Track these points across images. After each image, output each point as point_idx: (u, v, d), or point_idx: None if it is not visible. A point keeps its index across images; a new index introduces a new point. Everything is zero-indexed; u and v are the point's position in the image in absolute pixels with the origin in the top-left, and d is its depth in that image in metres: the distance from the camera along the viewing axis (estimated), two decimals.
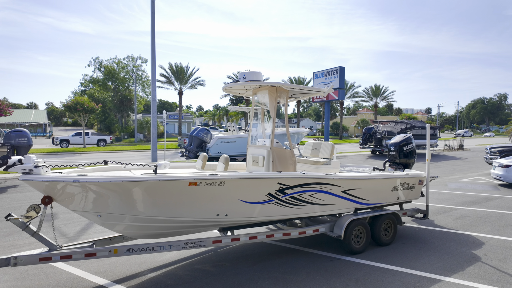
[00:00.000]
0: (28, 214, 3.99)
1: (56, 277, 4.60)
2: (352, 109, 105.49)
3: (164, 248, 4.44)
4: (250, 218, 4.78)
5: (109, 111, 51.23)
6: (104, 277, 4.60)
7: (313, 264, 5.04)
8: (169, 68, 37.59)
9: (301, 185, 4.95)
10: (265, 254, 5.51)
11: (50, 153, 23.83)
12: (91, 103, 26.28)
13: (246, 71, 5.43)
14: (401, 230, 6.76)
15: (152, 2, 15.37)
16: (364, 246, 5.55)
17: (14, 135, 11.12)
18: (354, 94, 50.37)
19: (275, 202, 4.83)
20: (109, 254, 4.22)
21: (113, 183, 3.87)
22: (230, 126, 17.79)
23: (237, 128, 18.46)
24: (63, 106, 26.05)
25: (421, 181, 6.54)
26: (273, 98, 5.47)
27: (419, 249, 5.69)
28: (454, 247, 5.82)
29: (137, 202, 4.12)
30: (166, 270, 4.86)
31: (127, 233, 4.62)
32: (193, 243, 4.56)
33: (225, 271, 4.80)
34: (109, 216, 4.28)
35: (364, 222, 5.57)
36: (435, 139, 24.87)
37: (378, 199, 5.93)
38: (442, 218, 7.72)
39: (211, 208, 4.45)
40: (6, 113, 23.00)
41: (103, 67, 44.85)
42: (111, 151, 25.96)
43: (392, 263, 5.09)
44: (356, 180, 5.46)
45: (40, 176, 3.85)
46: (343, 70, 19.20)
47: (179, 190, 4.16)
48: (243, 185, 4.49)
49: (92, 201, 4.10)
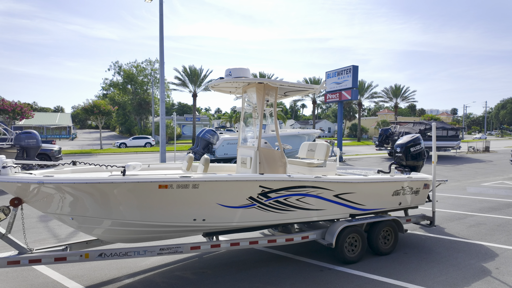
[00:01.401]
0: None
1: (32, 280, 4.49)
2: (372, 110, 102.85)
3: (138, 254, 4.22)
4: (231, 224, 4.48)
5: (128, 113, 52.53)
6: (80, 282, 4.44)
7: (300, 274, 4.67)
8: (183, 70, 38.01)
9: (286, 189, 4.61)
10: (252, 261, 5.19)
11: (68, 154, 24.54)
12: (107, 106, 26.91)
13: (232, 68, 5.15)
14: (405, 239, 6.25)
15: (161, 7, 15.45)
16: (359, 255, 5.12)
17: (24, 137, 11.38)
18: (372, 95, 48.94)
19: (258, 207, 4.51)
20: (80, 258, 4.04)
21: (74, 185, 3.69)
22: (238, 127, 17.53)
23: None
24: (81, 109, 26.80)
25: (426, 185, 6.01)
26: (261, 96, 5.16)
27: (422, 260, 5.19)
28: (462, 258, 5.27)
29: (105, 204, 3.92)
30: (144, 276, 4.65)
31: (102, 237, 4.44)
32: (170, 249, 4.32)
33: (205, 279, 4.53)
34: (81, 219, 4.11)
35: (359, 229, 5.14)
36: (457, 141, 23.58)
37: (377, 204, 5.48)
38: (454, 226, 7.11)
39: (186, 212, 4.19)
40: (28, 116, 23.89)
41: (122, 71, 45.99)
42: (127, 153, 26.42)
43: (388, 275, 4.63)
44: (349, 183, 5.05)
45: (6, 177, 3.73)
46: (356, 69, 18.53)
47: (150, 192, 3.93)
48: (220, 188, 4.20)
49: (60, 203, 3.94)
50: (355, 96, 19.04)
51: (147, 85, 47.27)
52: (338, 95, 19.54)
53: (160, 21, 15.41)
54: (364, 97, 49.41)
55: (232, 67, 5.23)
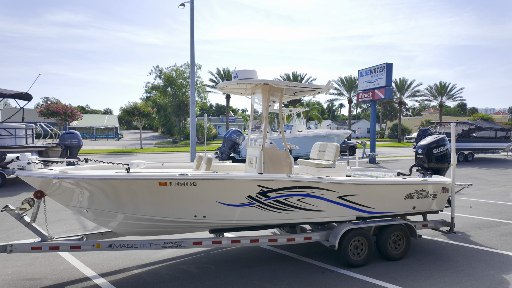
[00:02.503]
0: (22, 207, 4.38)
1: (56, 266, 4.98)
2: (417, 110, 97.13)
3: (144, 246, 4.50)
4: (231, 221, 4.62)
5: (169, 115, 55.00)
6: (95, 269, 4.84)
7: (301, 275, 4.66)
8: (216, 73, 39.01)
9: (286, 189, 4.63)
10: (256, 259, 5.28)
11: (111, 153, 26.38)
12: (146, 108, 28.51)
13: (239, 70, 5.28)
14: (421, 245, 5.94)
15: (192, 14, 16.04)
16: (365, 259, 4.98)
17: (67, 137, 12.50)
18: (414, 93, 46.24)
19: (258, 206, 4.59)
20: (92, 248, 4.42)
21: (85, 180, 4.05)
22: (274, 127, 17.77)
23: (270, 129, 18.29)
24: (123, 111, 28.74)
25: (445, 189, 5.66)
26: (266, 97, 5.24)
27: (434, 268, 4.91)
28: (480, 268, 4.90)
29: (114, 199, 4.26)
30: (151, 268, 4.95)
31: (115, 229, 4.81)
32: (173, 243, 4.56)
33: (207, 274, 4.71)
34: (96, 212, 4.50)
35: (365, 232, 4.99)
36: (508, 142, 21.55)
37: (387, 208, 5.28)
38: (483, 234, 6.59)
39: (187, 208, 4.40)
40: (77, 118, 26.07)
41: (163, 74, 48.31)
42: (162, 152, 27.74)
43: (393, 281, 4.46)
44: (354, 185, 4.93)
45: (29, 172, 4.21)
46: (391, 66, 17.71)
47: (151, 189, 4.19)
48: (218, 187, 4.35)
49: (75, 197, 4.35)
50: (389, 95, 18.21)
51: (186, 87, 49.23)
52: (371, 94, 18.83)
53: (191, 28, 16.04)
54: (405, 96, 46.88)
55: (240, 69, 5.36)
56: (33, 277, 4.56)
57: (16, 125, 11.47)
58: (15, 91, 12.03)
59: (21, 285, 4.31)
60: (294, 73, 43.09)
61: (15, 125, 11.42)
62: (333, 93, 49.55)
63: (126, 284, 4.38)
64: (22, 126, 11.67)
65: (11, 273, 4.69)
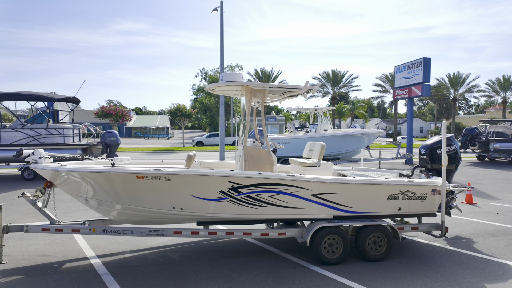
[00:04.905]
0: (35, 194, 5.24)
1: (67, 246, 5.81)
2: (481, 107, 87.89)
3: (131, 233, 5.08)
4: (206, 214, 4.99)
5: (214, 115, 57.18)
6: (95, 251, 5.56)
7: (271, 268, 4.87)
8: (254, 73, 39.60)
9: (257, 185, 4.87)
10: (237, 251, 5.58)
11: (156, 151, 28.41)
12: (188, 109, 30.18)
13: (225, 73, 5.63)
14: (413, 248, 5.73)
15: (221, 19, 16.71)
16: (340, 258, 5.00)
17: (107, 136, 13.96)
18: (470, 89, 41.99)
19: (230, 200, 4.89)
20: (89, 232, 5.12)
21: (78, 173, 4.73)
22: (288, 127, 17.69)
23: (294, 129, 18.19)
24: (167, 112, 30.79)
25: (435, 191, 5.40)
26: (248, 97, 5.51)
27: (411, 271, 4.76)
28: (464, 275, 4.63)
29: (106, 190, 4.89)
30: (141, 253, 5.53)
31: (110, 217, 5.48)
32: (156, 232, 5.08)
33: (185, 261, 5.14)
34: (92, 202, 5.21)
35: (340, 231, 5.01)
36: None
37: (368, 208, 5.21)
38: (493, 241, 6.10)
39: (165, 201, 4.88)
40: (127, 118, 28.56)
41: (208, 76, 50.43)
42: (200, 151, 29.08)
43: (360, 280, 4.45)
44: (328, 183, 4.98)
45: (38, 165, 5.03)
46: (428, 61, 16.52)
47: (131, 182, 4.73)
48: (191, 181, 4.75)
49: (75, 187, 5.09)
50: (427, 92, 16.99)
51: None
52: (407, 91, 17.76)
53: (221, 33, 16.72)
54: (459, 92, 42.87)
55: (226, 72, 5.71)
56: (46, 254, 5.41)
57: (65, 126, 13.14)
58: (65, 95, 13.78)
59: (33, 260, 5.16)
60: (334, 70, 42.01)
61: (63, 126, 13.11)
62: (377, 90, 47.18)
63: (114, 265, 5.00)
64: (70, 126, 13.33)
65: (31, 249, 5.61)
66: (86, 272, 4.73)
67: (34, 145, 12.28)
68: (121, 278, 4.52)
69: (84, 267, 4.92)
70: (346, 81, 43.02)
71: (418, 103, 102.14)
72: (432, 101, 62.26)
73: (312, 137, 15.64)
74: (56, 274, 4.65)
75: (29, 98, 12.76)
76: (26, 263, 5.01)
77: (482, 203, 9.35)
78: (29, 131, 12.56)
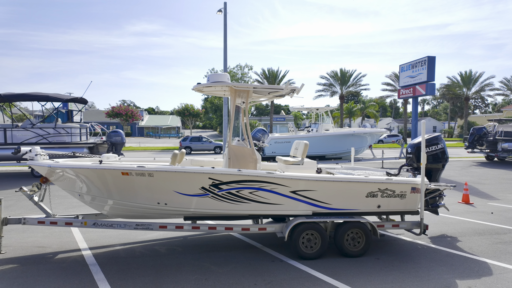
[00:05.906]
0: (32, 189, 5.60)
1: (63, 239, 6.15)
2: (498, 106, 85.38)
3: (120, 226, 5.37)
4: (189, 209, 5.22)
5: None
6: (88, 244, 5.88)
7: (250, 261, 5.07)
8: (261, 73, 39.79)
9: (237, 182, 5.07)
10: (221, 246, 5.80)
11: (164, 150, 28.96)
12: (196, 108, 30.66)
13: (210, 74, 5.85)
14: (395, 245, 5.82)
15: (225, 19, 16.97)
16: (318, 253, 5.15)
17: (113, 135, 14.43)
18: (483, 87, 40.90)
19: (212, 196, 5.11)
20: (81, 225, 5.43)
21: (68, 169, 5.05)
22: (290, 126, 17.85)
23: (295, 128, 18.25)
24: (175, 111, 31.36)
25: (415, 189, 5.47)
26: (233, 98, 5.72)
27: (386, 267, 4.87)
28: (437, 271, 4.71)
29: (92, 185, 5.19)
30: (130, 246, 5.81)
31: (102, 212, 5.78)
32: (143, 225, 5.35)
33: (170, 254, 5.40)
34: (84, 197, 5.52)
35: (318, 227, 5.16)
36: None
37: (347, 205, 5.33)
38: (478, 240, 6.11)
39: (150, 196, 5.14)
40: (137, 118, 29.23)
41: None
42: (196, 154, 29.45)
43: (333, 274, 4.60)
44: (306, 181, 5.13)
45: (34, 162, 5.38)
46: (433, 60, 16.31)
47: (119, 178, 5.01)
48: (173, 178, 4.99)
49: (68, 183, 5.41)
50: (431, 91, 16.79)
51: None
52: (411, 90, 17.59)
53: (224, 34, 17.00)
54: (471, 91, 41.85)
55: (212, 74, 5.93)
56: (42, 246, 5.76)
57: (72, 125, 13.68)
58: (72, 96, 14.32)
59: (30, 250, 5.52)
60: (342, 69, 41.70)
61: (71, 125, 13.65)
62: (386, 89, 46.56)
63: (103, 256, 5.30)
64: (77, 126, 13.87)
65: (29, 241, 5.98)
66: (76, 262, 5.04)
67: (43, 143, 12.84)
68: (107, 268, 4.81)
69: (75, 258, 5.23)
70: (354, 80, 42.67)
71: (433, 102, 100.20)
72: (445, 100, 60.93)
73: (313, 137, 15.73)
74: (48, 263, 4.98)
75: (38, 98, 13.35)
76: (23, 253, 5.37)
77: (479, 203, 9.28)
78: (38, 130, 13.14)
